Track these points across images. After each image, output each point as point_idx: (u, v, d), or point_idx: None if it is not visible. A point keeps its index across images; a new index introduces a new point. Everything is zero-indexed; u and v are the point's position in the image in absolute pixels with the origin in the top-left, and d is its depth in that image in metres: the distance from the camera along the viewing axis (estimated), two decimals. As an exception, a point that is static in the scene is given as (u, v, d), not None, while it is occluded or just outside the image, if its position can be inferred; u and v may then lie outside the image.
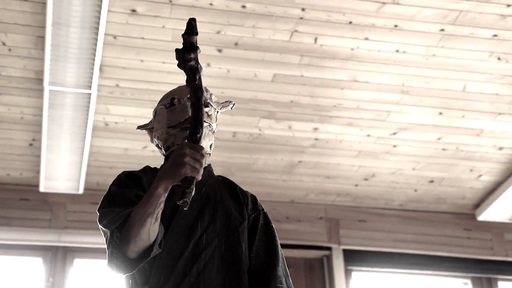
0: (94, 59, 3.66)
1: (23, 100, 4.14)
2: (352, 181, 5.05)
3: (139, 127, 2.27)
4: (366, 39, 3.81)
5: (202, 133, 1.75)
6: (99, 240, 4.84)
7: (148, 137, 4.65)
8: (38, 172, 4.69)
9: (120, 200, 1.91)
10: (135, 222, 1.77)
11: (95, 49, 3.59)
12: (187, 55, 1.79)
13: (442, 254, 5.30)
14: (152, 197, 1.74)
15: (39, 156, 4.54)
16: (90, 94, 3.91)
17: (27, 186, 4.85)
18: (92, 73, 3.75)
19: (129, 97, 4.15)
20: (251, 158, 4.75)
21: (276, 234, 2.11)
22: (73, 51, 3.60)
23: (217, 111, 2.19)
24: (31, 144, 4.50)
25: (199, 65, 1.80)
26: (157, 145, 2.18)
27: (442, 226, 5.37)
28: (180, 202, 1.65)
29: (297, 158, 4.78)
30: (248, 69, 3.99)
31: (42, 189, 4.76)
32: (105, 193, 2.00)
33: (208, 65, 3.89)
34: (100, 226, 1.90)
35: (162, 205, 1.76)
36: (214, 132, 2.15)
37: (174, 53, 1.83)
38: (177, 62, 1.81)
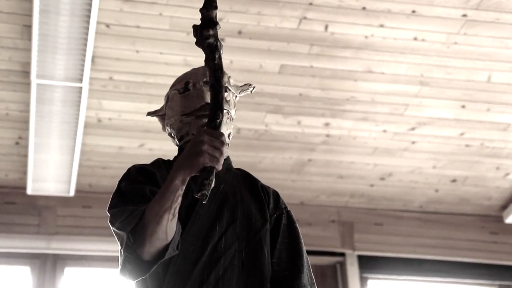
0: (85, 50, 3.67)
1: (9, 95, 4.16)
2: (367, 180, 5.06)
3: (149, 113, 2.22)
4: (381, 26, 3.82)
5: (222, 118, 1.71)
6: (92, 247, 4.87)
7: (145, 135, 4.68)
8: (25, 173, 4.72)
9: (133, 197, 1.87)
10: (151, 220, 1.74)
11: (86, 39, 3.61)
12: (205, 32, 1.75)
13: (466, 260, 5.31)
14: (168, 191, 1.71)
15: (26, 156, 4.56)
16: (81, 88, 3.92)
17: (13, 188, 4.88)
18: (83, 65, 3.77)
19: (123, 91, 4.17)
20: (256, 157, 4.76)
21: (301, 236, 2.07)
22: (63, 41, 3.62)
23: (236, 96, 2.16)
24: (17, 143, 4.52)
25: (218, 43, 1.76)
26: (169, 134, 2.14)
27: (466, 229, 5.38)
28: (199, 194, 1.61)
29: (307, 156, 4.79)
30: (253, 59, 4.01)
31: (29, 191, 4.78)
32: (114, 191, 1.93)
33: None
34: (112, 229, 1.86)
35: (179, 199, 1.73)
36: (232, 119, 2.12)
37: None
38: (194, 40, 1.77)
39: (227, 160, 2.12)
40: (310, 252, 2.06)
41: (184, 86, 2.10)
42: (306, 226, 5.15)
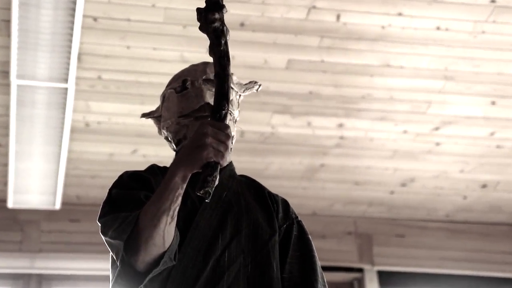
0: (70, 47, 3.68)
1: (-14, 97, 4.18)
2: (386, 187, 5.06)
3: (144, 115, 2.22)
4: (400, 14, 3.82)
5: (228, 109, 1.71)
6: (80, 265, 4.89)
7: (138, 140, 4.70)
8: (5, 184, 4.73)
9: (126, 203, 1.86)
10: (146, 224, 1.73)
11: (71, 35, 3.62)
12: (210, 16, 1.77)
13: (498, 275, 5.31)
14: (167, 190, 1.70)
15: (6, 165, 4.58)
16: (66, 88, 3.93)
17: (-7, 201, 4.90)
18: (68, 64, 3.78)
19: (113, 92, 4.19)
20: (263, 162, 4.77)
21: (314, 248, 2.07)
22: (45, 37, 3.63)
23: (240, 95, 2.17)
24: (-4, 151, 4.55)
25: (225, 27, 1.77)
26: (166, 138, 2.15)
27: (498, 240, 5.37)
28: (201, 192, 1.61)
29: (318, 161, 4.80)
30: (257, 54, 4.02)
31: (10, 204, 4.79)
32: (104, 199, 1.94)
33: (209, 59, 3.91)
34: (105, 240, 1.85)
35: (179, 200, 1.72)
36: (236, 121, 2.14)
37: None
38: (198, 25, 1.78)
39: (230, 165, 2.12)
40: (324, 268, 2.07)
41: (181, 84, 2.10)
42: (320, 239, 5.16)
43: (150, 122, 2.24)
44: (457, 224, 5.39)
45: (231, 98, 2.03)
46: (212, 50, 1.78)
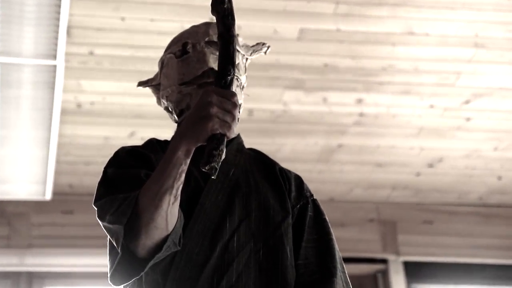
0: (58, 19, 3.68)
1: (-33, 77, 4.20)
2: (412, 168, 5.07)
3: (141, 84, 2.23)
4: (424, -24, 3.83)
5: (234, 74, 1.71)
6: (74, 261, 4.91)
7: (136, 121, 4.71)
8: (-10, 173, 4.77)
9: (124, 183, 1.85)
10: (147, 205, 1.72)
11: (59, 6, 3.61)
12: None
13: (538, 263, 5.32)
14: (169, 166, 1.69)
15: (-10, 152, 4.61)
16: (55, 66, 3.94)
17: (-23, 192, 4.93)
18: (57, 38, 3.78)
19: (107, 68, 4.19)
20: (274, 144, 4.78)
21: (331, 231, 2.07)
22: (30, 9, 3.63)
23: (247, 59, 2.17)
24: (-21, 136, 4.57)
25: None
26: (165, 108, 2.15)
27: (537, 225, 5.39)
28: (206, 168, 1.60)
29: (336, 140, 4.81)
30: (265, 23, 4.02)
31: (-4, 195, 4.83)
32: (100, 180, 1.94)
33: (212, 20, 3.92)
34: (103, 225, 1.84)
35: (183, 177, 1.71)
36: (243, 87, 2.13)
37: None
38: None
39: (238, 138, 2.12)
40: (344, 260, 2.08)
41: (181, 48, 2.10)
42: (339, 227, 5.18)
43: (149, 101, 2.24)
44: (491, 208, 5.39)
45: (237, 62, 2.03)
46: (215, 9, 1.77)
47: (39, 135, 4.38)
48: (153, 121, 4.38)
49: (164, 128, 2.54)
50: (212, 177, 1.63)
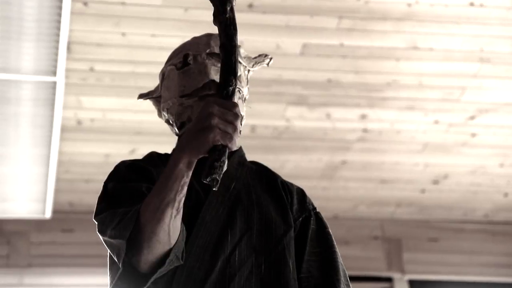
0: (58, 35, 3.69)
1: (-35, 94, 4.19)
2: (416, 185, 5.05)
3: (141, 96, 2.22)
4: (428, -10, 3.82)
5: (236, 85, 1.70)
6: (75, 281, 4.89)
7: (136, 138, 4.69)
8: (-11, 191, 4.75)
9: (125, 197, 1.85)
10: (149, 218, 1.72)
11: (59, 21, 3.61)
12: None
13: (545, 281, 5.30)
14: (171, 178, 1.68)
15: (-11, 170, 4.60)
16: (55, 82, 3.94)
17: (-24, 211, 4.91)
18: (57, 54, 3.78)
19: (108, 84, 4.19)
20: (277, 160, 4.76)
21: (335, 244, 2.06)
22: (30, 24, 3.63)
23: (249, 70, 2.16)
24: (-22, 154, 4.56)
25: None
26: (167, 121, 2.13)
27: (544, 242, 5.37)
28: (208, 180, 1.59)
29: (340, 157, 4.79)
30: (267, 39, 4.01)
31: (-5, 214, 4.81)
32: (100, 194, 1.94)
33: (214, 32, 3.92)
34: (104, 240, 1.84)
35: (185, 189, 1.70)
36: (245, 100, 2.12)
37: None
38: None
39: (240, 152, 2.11)
40: (348, 278, 2.05)
41: (182, 60, 2.10)
42: (343, 245, 5.15)
43: (150, 117, 2.24)
44: (497, 225, 5.37)
45: (239, 74, 2.03)
46: (217, 19, 1.76)
47: (38, 152, 4.37)
48: (154, 138, 4.37)
49: (165, 145, 2.52)
50: (214, 189, 1.63)
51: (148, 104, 2.27)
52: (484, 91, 4.40)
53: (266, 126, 4.53)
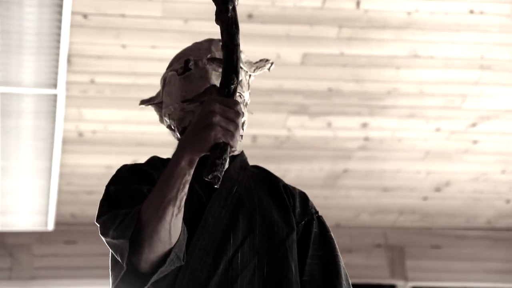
0: (59, 48, 3.69)
1: (-33, 108, 4.20)
2: (419, 193, 5.05)
3: (143, 102, 2.21)
4: (428, -2, 3.83)
5: (237, 83, 1.70)
6: (78, 292, 4.89)
7: (138, 149, 4.69)
8: (-9, 204, 4.75)
9: (127, 199, 1.86)
10: (150, 217, 1.72)
11: (59, 34, 3.62)
12: None
13: (549, 287, 5.29)
14: (172, 176, 1.68)
15: (-9, 183, 4.60)
16: (56, 95, 3.94)
17: (-22, 224, 4.91)
18: (57, 67, 3.78)
19: (109, 96, 4.19)
20: (278, 169, 4.76)
21: (337, 247, 2.06)
22: (30, 38, 3.63)
23: (250, 75, 2.16)
24: (-20, 167, 4.56)
25: None
26: (168, 126, 2.13)
27: (547, 248, 5.36)
28: (209, 177, 1.59)
29: (341, 165, 4.79)
30: (268, 48, 4.01)
31: (-2, 227, 4.81)
32: (102, 197, 1.94)
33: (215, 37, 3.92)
34: (106, 241, 1.84)
35: (186, 188, 1.70)
36: (246, 104, 2.12)
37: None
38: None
39: (242, 156, 2.12)
40: (351, 286, 2.06)
41: (183, 65, 2.09)
42: (346, 253, 5.14)
43: (151, 129, 2.24)
44: (499, 232, 5.37)
45: (240, 79, 2.02)
46: (219, 18, 1.75)
47: (40, 165, 4.38)
48: (156, 149, 4.33)
49: (167, 156, 2.53)
50: (215, 186, 1.63)
51: (150, 115, 2.28)
52: (485, 98, 4.40)
53: (267, 136, 4.53)
